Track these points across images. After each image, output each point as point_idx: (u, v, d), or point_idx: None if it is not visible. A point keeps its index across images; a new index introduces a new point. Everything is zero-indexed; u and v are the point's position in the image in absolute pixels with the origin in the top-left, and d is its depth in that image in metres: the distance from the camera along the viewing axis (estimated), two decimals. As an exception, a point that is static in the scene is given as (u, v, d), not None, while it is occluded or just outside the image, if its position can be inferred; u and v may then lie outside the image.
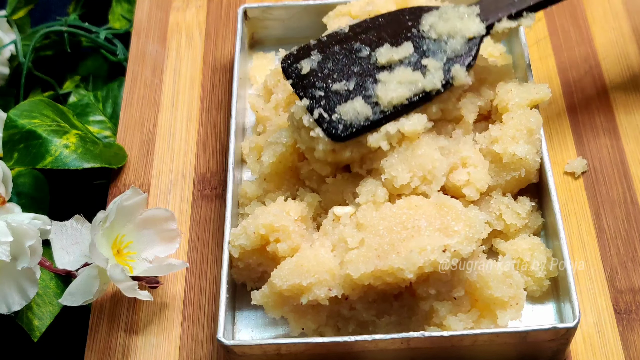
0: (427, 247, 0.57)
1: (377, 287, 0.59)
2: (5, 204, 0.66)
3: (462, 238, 0.58)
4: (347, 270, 0.58)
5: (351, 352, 0.59)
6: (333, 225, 0.62)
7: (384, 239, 0.59)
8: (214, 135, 0.75)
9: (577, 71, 0.76)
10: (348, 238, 0.60)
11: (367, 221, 0.60)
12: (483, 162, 0.64)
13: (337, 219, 0.62)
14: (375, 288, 0.59)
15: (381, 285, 0.58)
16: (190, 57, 0.81)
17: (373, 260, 0.58)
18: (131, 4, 0.87)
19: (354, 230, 0.60)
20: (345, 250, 0.60)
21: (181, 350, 0.63)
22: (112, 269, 0.59)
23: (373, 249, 0.58)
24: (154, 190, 0.72)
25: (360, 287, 0.59)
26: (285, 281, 0.58)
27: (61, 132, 0.71)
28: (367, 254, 0.58)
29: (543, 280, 0.62)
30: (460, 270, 0.59)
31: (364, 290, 0.59)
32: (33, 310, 0.64)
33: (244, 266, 0.63)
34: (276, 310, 0.60)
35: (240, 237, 0.62)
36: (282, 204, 0.63)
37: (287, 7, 0.78)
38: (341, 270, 0.59)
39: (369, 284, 0.58)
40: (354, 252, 0.59)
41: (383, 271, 0.57)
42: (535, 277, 0.62)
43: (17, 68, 0.83)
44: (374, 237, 0.59)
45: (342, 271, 0.58)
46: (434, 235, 0.58)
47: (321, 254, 0.59)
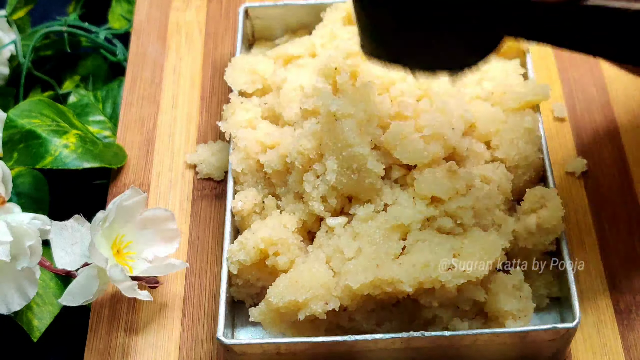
0: (431, 264, 0.57)
1: (375, 297, 0.59)
2: (5, 204, 0.66)
3: (476, 259, 0.57)
4: (345, 281, 0.57)
5: (351, 352, 0.58)
6: (327, 236, 0.62)
7: (381, 247, 0.59)
8: (214, 135, 0.75)
9: (577, 71, 0.76)
10: (344, 248, 0.59)
11: (363, 230, 0.60)
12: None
13: (331, 230, 0.62)
14: (374, 298, 0.59)
15: (380, 294, 0.58)
16: (190, 57, 0.80)
17: (372, 269, 0.57)
18: (131, 4, 0.87)
19: (349, 240, 0.60)
20: (342, 261, 0.59)
21: (181, 350, 0.63)
22: (111, 269, 0.59)
23: (371, 258, 0.58)
24: (154, 190, 0.72)
25: (359, 297, 0.58)
26: (281, 298, 0.58)
27: (61, 132, 0.71)
28: (365, 264, 0.58)
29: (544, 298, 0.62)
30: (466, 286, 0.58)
31: (363, 301, 0.59)
32: (33, 310, 0.64)
33: (243, 283, 0.62)
34: (274, 326, 0.60)
35: (239, 252, 0.61)
36: (278, 217, 0.63)
37: (288, 6, 0.77)
38: (339, 282, 0.58)
39: (368, 294, 0.58)
40: (351, 262, 0.59)
41: (383, 280, 0.57)
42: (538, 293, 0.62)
43: (17, 68, 0.83)
44: (370, 246, 0.59)
45: (341, 282, 0.58)
46: (440, 251, 0.58)
47: (315, 267, 0.59)
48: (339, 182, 0.61)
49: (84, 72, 0.85)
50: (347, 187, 0.61)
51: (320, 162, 0.62)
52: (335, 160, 0.61)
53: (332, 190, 0.62)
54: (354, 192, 0.62)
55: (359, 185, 0.61)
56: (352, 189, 0.61)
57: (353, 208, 0.62)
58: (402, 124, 0.62)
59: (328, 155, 0.61)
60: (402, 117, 0.63)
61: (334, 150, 0.61)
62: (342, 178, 0.61)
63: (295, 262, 0.61)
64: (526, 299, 0.60)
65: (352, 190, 0.61)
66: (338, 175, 0.61)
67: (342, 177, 0.61)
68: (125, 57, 0.83)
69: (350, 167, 0.60)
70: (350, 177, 0.60)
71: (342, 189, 0.61)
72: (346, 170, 0.60)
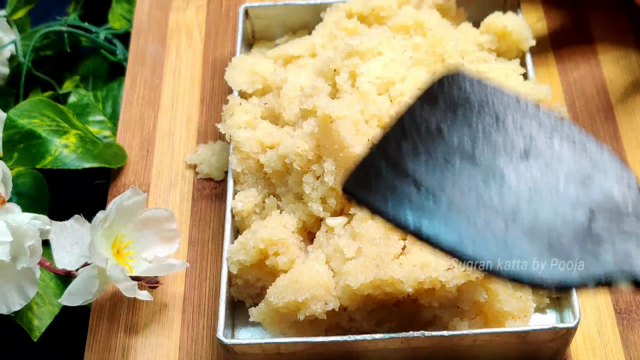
0: (431, 264, 0.57)
1: (375, 297, 0.59)
2: (5, 204, 0.66)
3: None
4: (346, 281, 0.57)
5: (351, 352, 0.58)
6: (327, 236, 0.62)
7: (381, 247, 0.59)
8: (214, 136, 0.75)
9: (577, 71, 0.76)
10: (344, 248, 0.59)
11: (363, 230, 0.60)
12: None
13: (331, 230, 0.62)
14: (374, 298, 0.59)
15: (380, 294, 0.58)
16: (190, 57, 0.80)
17: (372, 269, 0.57)
18: (131, 4, 0.87)
19: (349, 240, 0.60)
20: (342, 261, 0.59)
21: (181, 350, 0.63)
22: (111, 269, 0.59)
23: (371, 258, 0.58)
24: (154, 190, 0.72)
25: (359, 297, 0.58)
26: (281, 298, 0.58)
27: (61, 132, 0.71)
28: (365, 264, 0.58)
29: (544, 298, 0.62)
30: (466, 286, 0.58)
31: (363, 301, 0.59)
32: (33, 310, 0.64)
33: (243, 283, 0.62)
34: (274, 327, 0.60)
35: (239, 252, 0.61)
36: (278, 217, 0.63)
37: (288, 6, 0.77)
38: (339, 282, 0.58)
39: (368, 294, 0.58)
40: (351, 262, 0.59)
41: (383, 280, 0.57)
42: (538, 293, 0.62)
43: (17, 68, 0.83)
44: (370, 246, 0.59)
45: (341, 282, 0.58)
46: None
47: (315, 268, 0.59)
48: (338, 184, 0.61)
49: (84, 72, 0.85)
50: None
51: (319, 164, 0.62)
52: (333, 162, 0.61)
53: (332, 191, 0.61)
54: None
55: None
56: None
57: (353, 208, 0.62)
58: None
59: (326, 157, 0.61)
60: (402, 117, 0.63)
61: (331, 152, 0.61)
62: (340, 179, 0.61)
63: (295, 262, 0.61)
64: (526, 299, 0.60)
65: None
66: (337, 176, 0.61)
67: (340, 179, 0.61)
68: (125, 57, 0.83)
69: (348, 168, 0.60)
70: None
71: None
72: (344, 172, 0.60)
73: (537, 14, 0.80)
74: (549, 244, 0.42)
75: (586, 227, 0.42)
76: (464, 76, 0.48)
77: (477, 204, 0.43)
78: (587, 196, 0.43)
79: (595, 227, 0.42)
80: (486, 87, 0.47)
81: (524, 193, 0.43)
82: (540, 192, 0.43)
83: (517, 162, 0.45)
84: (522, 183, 0.44)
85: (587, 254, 0.41)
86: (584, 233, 0.42)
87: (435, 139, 0.45)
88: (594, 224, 0.42)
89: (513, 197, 0.43)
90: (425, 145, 0.45)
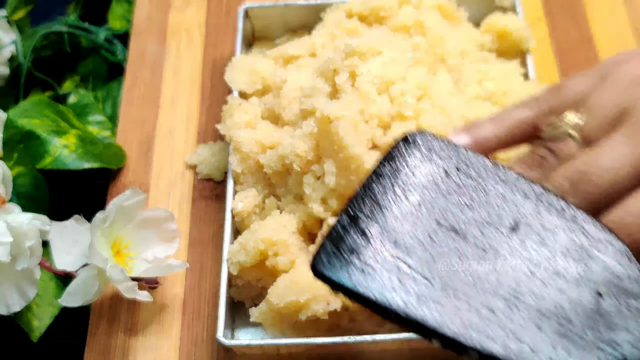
0: None
1: None
2: (5, 204, 0.65)
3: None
4: None
5: (351, 353, 0.58)
6: None
7: None
8: (214, 136, 0.75)
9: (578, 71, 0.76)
10: None
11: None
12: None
13: None
14: None
15: None
16: (190, 57, 0.80)
17: None
18: (131, 4, 0.87)
19: None
20: None
21: (181, 350, 0.63)
22: (111, 270, 0.59)
23: None
24: (154, 191, 0.72)
25: None
26: (282, 299, 0.58)
27: (61, 132, 0.71)
28: None
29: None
30: None
31: None
32: (32, 310, 0.64)
33: (243, 283, 0.62)
34: (275, 327, 0.60)
35: (239, 253, 0.61)
36: (278, 217, 0.63)
37: (288, 6, 0.77)
38: None
39: None
40: None
41: None
42: None
43: (17, 68, 0.83)
44: None
45: None
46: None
47: None
48: (339, 184, 0.61)
49: (84, 72, 0.85)
50: (346, 188, 0.61)
51: (319, 164, 0.62)
52: (332, 163, 0.61)
53: (332, 192, 0.61)
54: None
55: None
56: (352, 190, 0.61)
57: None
58: (402, 124, 0.62)
59: (326, 158, 0.61)
60: (402, 117, 0.63)
61: (331, 152, 0.61)
62: (341, 180, 0.60)
63: (295, 262, 0.61)
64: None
65: (352, 191, 0.61)
66: (337, 177, 0.61)
67: (341, 179, 0.60)
68: (125, 57, 0.83)
69: (348, 168, 0.60)
70: (349, 179, 0.60)
71: (342, 190, 0.61)
72: (344, 172, 0.60)
73: (537, 14, 0.80)
74: (558, 330, 0.39)
75: (595, 308, 0.40)
76: (428, 137, 0.44)
77: (473, 283, 0.40)
78: (590, 273, 0.41)
79: (604, 306, 0.40)
80: (457, 150, 0.43)
81: (522, 272, 0.40)
82: (540, 272, 0.40)
83: (507, 237, 0.41)
84: (519, 260, 0.40)
85: (601, 341, 0.39)
86: (594, 315, 0.40)
87: (414, 212, 0.42)
88: (602, 303, 0.40)
89: (511, 278, 0.40)
90: (400, 218, 0.42)
